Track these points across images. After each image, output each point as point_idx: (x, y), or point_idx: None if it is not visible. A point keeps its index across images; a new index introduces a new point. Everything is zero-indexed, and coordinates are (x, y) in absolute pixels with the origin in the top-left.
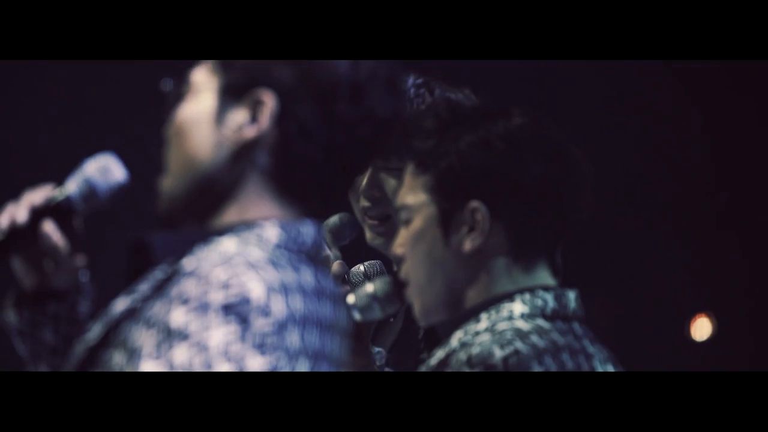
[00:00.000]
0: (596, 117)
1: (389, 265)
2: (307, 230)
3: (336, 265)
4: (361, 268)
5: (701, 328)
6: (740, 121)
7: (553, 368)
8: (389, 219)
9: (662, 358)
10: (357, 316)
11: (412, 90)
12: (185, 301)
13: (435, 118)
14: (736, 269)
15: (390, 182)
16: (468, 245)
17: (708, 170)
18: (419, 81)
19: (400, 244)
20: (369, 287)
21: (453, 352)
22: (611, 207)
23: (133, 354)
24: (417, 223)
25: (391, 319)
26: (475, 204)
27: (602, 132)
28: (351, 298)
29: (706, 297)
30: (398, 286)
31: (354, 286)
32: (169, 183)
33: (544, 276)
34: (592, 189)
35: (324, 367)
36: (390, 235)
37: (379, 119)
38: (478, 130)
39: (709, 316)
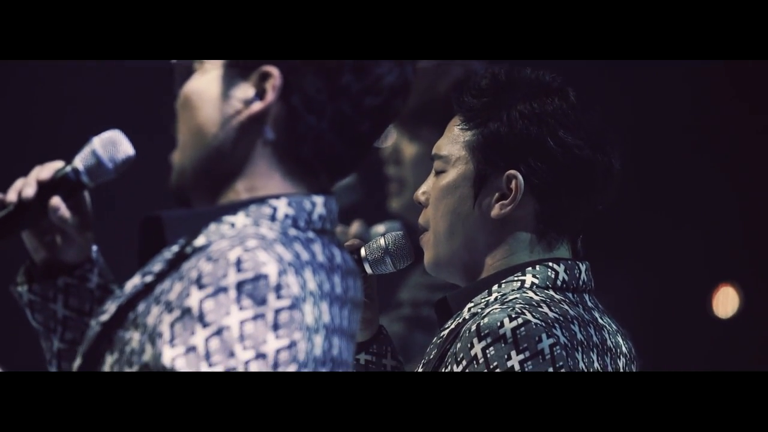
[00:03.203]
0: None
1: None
2: (318, 205)
3: (355, 225)
4: (381, 228)
5: (725, 302)
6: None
7: (563, 339)
8: (406, 185)
9: (683, 335)
10: (368, 269)
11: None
12: (201, 284)
13: (492, 78)
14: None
15: (408, 149)
16: (496, 211)
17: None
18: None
19: (424, 191)
20: (381, 241)
21: (463, 322)
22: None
23: (151, 335)
24: (450, 176)
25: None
26: (512, 172)
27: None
28: (363, 251)
29: (731, 267)
30: (411, 241)
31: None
32: (179, 157)
33: (564, 255)
34: (620, 178)
35: (339, 341)
36: (408, 200)
37: (387, 89)
38: (532, 101)
39: (734, 286)
